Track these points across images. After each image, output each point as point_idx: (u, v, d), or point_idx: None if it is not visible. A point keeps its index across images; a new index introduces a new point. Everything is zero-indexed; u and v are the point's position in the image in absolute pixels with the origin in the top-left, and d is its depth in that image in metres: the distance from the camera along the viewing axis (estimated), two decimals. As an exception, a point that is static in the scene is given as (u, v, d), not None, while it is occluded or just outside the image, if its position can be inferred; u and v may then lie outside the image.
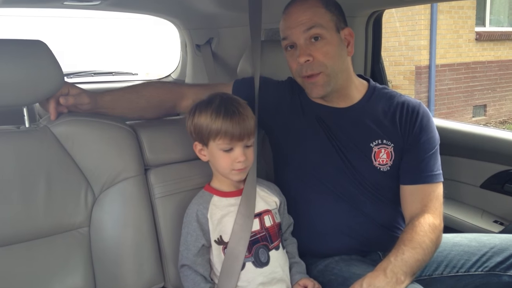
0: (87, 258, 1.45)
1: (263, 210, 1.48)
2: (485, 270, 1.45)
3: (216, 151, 1.42)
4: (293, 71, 1.56)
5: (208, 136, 1.41)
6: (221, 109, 1.39)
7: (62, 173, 1.42)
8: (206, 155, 1.47)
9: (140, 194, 1.50)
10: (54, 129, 1.44)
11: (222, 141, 1.39)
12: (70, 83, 1.51)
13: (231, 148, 1.40)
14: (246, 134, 1.40)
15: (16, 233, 1.34)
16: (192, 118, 1.44)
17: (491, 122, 9.24)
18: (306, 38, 1.48)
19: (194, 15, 2.61)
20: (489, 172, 2.08)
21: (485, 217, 2.10)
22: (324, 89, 1.52)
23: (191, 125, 1.45)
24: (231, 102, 1.42)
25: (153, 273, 1.50)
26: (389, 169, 1.56)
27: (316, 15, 1.49)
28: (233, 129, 1.38)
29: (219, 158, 1.42)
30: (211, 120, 1.39)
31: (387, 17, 7.84)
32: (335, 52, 1.50)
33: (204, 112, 1.41)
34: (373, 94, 1.62)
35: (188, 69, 2.94)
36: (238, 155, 1.40)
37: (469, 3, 8.56)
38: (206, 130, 1.40)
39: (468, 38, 8.80)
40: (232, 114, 1.39)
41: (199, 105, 1.45)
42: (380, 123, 1.57)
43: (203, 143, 1.44)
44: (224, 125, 1.37)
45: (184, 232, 1.44)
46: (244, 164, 1.42)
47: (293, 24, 1.50)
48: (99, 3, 2.29)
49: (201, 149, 1.47)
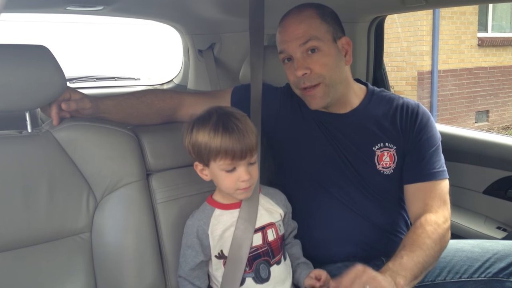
0: (88, 263, 1.45)
1: (266, 224, 1.44)
2: (488, 276, 1.45)
3: (218, 172, 1.34)
4: (291, 83, 1.56)
5: (208, 156, 1.32)
6: (219, 125, 1.30)
7: (64, 178, 1.42)
8: (208, 175, 1.40)
9: (142, 199, 1.50)
10: (56, 134, 1.44)
11: (224, 162, 1.31)
12: (72, 88, 1.51)
13: (233, 167, 1.32)
14: (248, 151, 1.31)
15: (17, 238, 1.34)
16: (189, 136, 1.36)
17: (493, 127, 9.23)
18: (303, 51, 1.48)
19: (196, 20, 2.62)
20: (492, 178, 2.07)
21: (488, 223, 2.09)
22: (323, 101, 1.53)
23: (189, 144, 1.37)
24: (229, 117, 1.33)
25: (155, 278, 1.49)
26: (393, 172, 1.56)
27: (311, 27, 1.48)
28: (233, 147, 1.29)
29: (222, 178, 1.35)
30: (209, 138, 1.30)
31: (389, 22, 7.85)
32: (332, 63, 1.50)
33: (201, 130, 1.32)
34: (372, 97, 1.62)
35: (190, 74, 2.95)
36: (241, 175, 1.32)
37: (471, 8, 8.57)
38: (205, 149, 1.32)
39: (471, 44, 8.81)
40: (231, 130, 1.30)
41: (196, 121, 1.36)
42: (381, 126, 1.57)
43: (204, 163, 1.36)
44: (223, 143, 1.29)
45: (183, 243, 1.42)
46: (249, 183, 1.35)
47: (289, 37, 1.49)
48: (102, 9, 2.29)
49: (202, 169, 1.40)
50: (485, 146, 2.14)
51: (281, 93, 1.70)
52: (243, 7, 2.21)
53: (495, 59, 9.24)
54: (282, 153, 1.68)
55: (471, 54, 8.87)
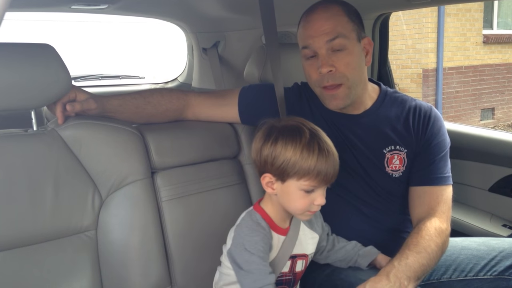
0: (94, 261, 1.45)
1: (300, 254, 1.37)
2: (494, 274, 1.44)
3: (294, 190, 1.23)
4: (312, 81, 1.53)
5: (292, 174, 1.21)
6: (314, 145, 1.21)
7: (70, 176, 1.42)
8: (275, 190, 1.27)
9: (147, 197, 1.51)
10: (61, 133, 1.44)
11: (309, 182, 1.21)
12: (78, 87, 1.52)
13: (313, 189, 1.23)
14: (335, 176, 1.24)
15: (23, 236, 1.34)
16: (271, 147, 1.23)
17: (499, 125, 9.19)
18: (329, 48, 1.45)
19: (200, 18, 2.62)
20: (497, 175, 2.06)
21: (494, 221, 2.09)
22: (343, 102, 1.51)
23: (268, 155, 1.24)
24: (320, 138, 1.24)
25: (160, 276, 1.50)
26: (401, 175, 1.55)
27: (339, 24, 1.45)
28: (327, 170, 1.20)
29: (297, 198, 1.24)
30: (302, 157, 1.19)
31: (394, 20, 7.83)
32: (356, 63, 1.49)
33: (291, 145, 1.21)
34: (385, 99, 1.61)
35: (194, 73, 2.95)
36: (318, 198, 1.24)
37: (476, 5, 8.53)
38: (292, 166, 1.20)
39: (476, 41, 8.77)
40: (327, 153, 1.21)
41: (283, 134, 1.23)
42: (394, 128, 1.56)
43: (280, 178, 1.24)
44: (318, 165, 1.19)
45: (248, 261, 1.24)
46: (320, 207, 1.27)
47: (316, 33, 1.46)
48: (106, 7, 2.30)
49: (271, 182, 1.26)
50: (490, 144, 2.13)
51: (289, 93, 1.68)
52: (247, 5, 2.21)
53: (501, 56, 9.19)
54: None
55: (476, 51, 8.83)
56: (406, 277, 1.25)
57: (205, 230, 1.60)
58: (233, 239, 1.28)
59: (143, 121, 1.65)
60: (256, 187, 1.75)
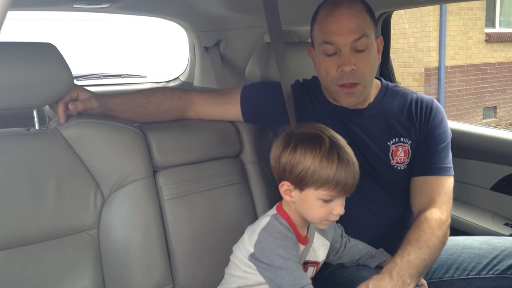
0: (96, 260, 1.45)
1: (312, 261, 1.35)
2: (496, 273, 1.44)
3: (312, 200, 1.21)
4: (330, 77, 1.49)
5: (311, 183, 1.18)
6: (333, 154, 1.18)
7: (72, 175, 1.42)
8: (293, 198, 1.24)
9: (149, 196, 1.51)
10: (63, 131, 1.44)
11: (328, 192, 1.18)
12: (80, 86, 1.52)
13: (332, 199, 1.20)
14: (354, 186, 1.21)
15: (25, 235, 1.34)
16: (290, 155, 1.21)
17: (501, 124, 9.18)
18: (352, 47, 1.44)
19: (202, 17, 2.62)
20: (499, 174, 2.06)
21: (496, 219, 2.08)
22: (358, 100, 1.52)
23: (287, 163, 1.21)
24: (340, 146, 1.21)
25: (162, 275, 1.50)
26: (406, 167, 1.56)
27: (364, 23, 1.44)
28: (346, 180, 1.17)
29: (315, 207, 1.22)
30: (321, 166, 1.16)
31: (395, 18, 7.81)
32: (372, 63, 1.49)
33: (311, 153, 1.18)
34: (387, 92, 1.62)
35: (196, 72, 2.95)
36: (337, 207, 1.21)
37: (478, 4, 8.51)
38: (311, 175, 1.17)
39: (478, 40, 8.76)
40: (347, 162, 1.18)
41: (302, 141, 1.21)
42: (397, 120, 1.56)
43: (298, 186, 1.21)
44: (337, 175, 1.17)
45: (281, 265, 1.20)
46: (339, 217, 1.25)
47: (342, 30, 1.43)
48: (108, 6, 2.30)
49: (289, 190, 1.24)
50: (492, 143, 2.13)
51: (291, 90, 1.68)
52: (249, 4, 2.21)
53: (503, 55, 9.18)
54: None
55: (478, 50, 8.81)
56: (408, 274, 1.25)
57: (207, 229, 1.60)
58: (257, 243, 1.23)
59: (145, 120, 1.65)
60: (257, 186, 1.76)
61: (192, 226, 1.58)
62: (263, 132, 1.84)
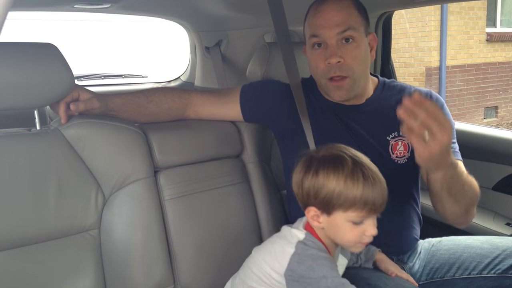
0: (97, 260, 1.46)
1: None
2: (498, 272, 1.44)
3: (342, 223, 1.16)
4: (319, 71, 1.53)
5: (338, 206, 1.14)
6: (357, 173, 1.14)
7: (73, 176, 1.42)
8: (322, 223, 1.19)
9: (150, 196, 1.51)
10: (64, 132, 1.45)
11: (357, 213, 1.14)
12: (81, 87, 1.52)
13: (362, 220, 1.16)
14: (384, 204, 1.16)
15: (26, 235, 1.35)
16: (313, 179, 1.17)
17: (502, 123, 9.17)
18: (338, 39, 1.47)
19: (203, 17, 2.62)
20: (501, 174, 2.06)
21: (497, 219, 2.08)
22: (348, 94, 1.53)
23: (310, 188, 1.17)
24: (365, 164, 1.17)
25: (163, 275, 1.50)
26: (406, 161, 1.56)
27: (350, 16, 1.47)
28: (374, 199, 1.13)
29: (346, 231, 1.17)
30: (346, 187, 1.12)
31: (396, 18, 7.81)
32: (362, 57, 1.50)
33: (334, 175, 1.14)
34: (384, 87, 1.63)
35: (197, 72, 2.95)
36: (369, 228, 1.16)
37: (479, 3, 8.51)
38: (337, 198, 1.13)
39: (479, 39, 8.75)
40: (373, 180, 1.14)
41: (324, 164, 1.17)
42: (395, 116, 1.56)
43: (325, 210, 1.17)
44: (364, 194, 1.12)
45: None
46: (372, 238, 1.19)
47: (327, 23, 1.47)
48: (109, 6, 2.30)
49: (316, 215, 1.19)
50: (494, 142, 2.13)
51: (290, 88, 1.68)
52: (250, 4, 2.21)
53: (504, 55, 9.17)
54: (293, 149, 1.67)
55: (479, 49, 8.81)
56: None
57: (208, 229, 1.60)
58: (293, 269, 1.17)
59: (145, 120, 1.65)
60: (258, 186, 1.76)
61: (193, 226, 1.58)
62: (264, 132, 1.84)
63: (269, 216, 1.74)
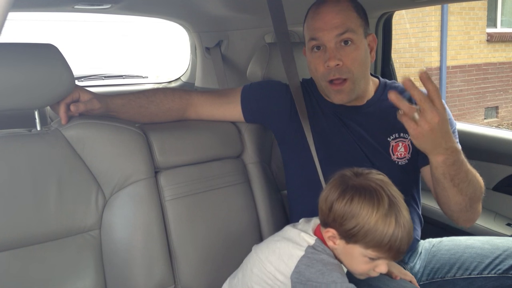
0: (98, 261, 1.46)
1: None
2: (498, 272, 1.44)
3: (358, 255, 1.15)
4: (319, 74, 1.53)
5: (361, 241, 1.12)
6: (391, 216, 1.11)
7: (73, 176, 1.42)
8: (337, 246, 1.18)
9: (150, 196, 1.51)
10: (65, 132, 1.45)
11: (377, 254, 1.13)
12: (81, 87, 1.52)
13: (378, 258, 1.14)
14: (405, 252, 1.15)
15: (27, 235, 1.34)
16: (345, 206, 1.14)
17: (503, 124, 9.16)
18: (337, 42, 1.47)
19: (203, 18, 2.62)
20: (501, 174, 2.06)
21: (498, 220, 2.08)
22: (348, 97, 1.52)
23: (339, 212, 1.14)
24: (400, 208, 1.14)
25: (164, 275, 1.50)
26: (407, 162, 1.55)
27: (349, 19, 1.47)
28: (400, 246, 1.11)
29: (359, 262, 1.16)
30: (376, 227, 1.10)
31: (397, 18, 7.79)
32: (362, 59, 1.50)
33: (367, 211, 1.11)
34: (385, 88, 1.63)
35: (197, 72, 2.95)
36: (381, 266, 1.16)
37: (480, 4, 8.50)
38: (363, 235, 1.11)
39: (479, 40, 8.75)
40: (403, 228, 1.11)
41: (360, 194, 1.13)
42: (396, 117, 1.56)
43: (346, 239, 1.15)
44: (392, 240, 1.10)
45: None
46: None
47: (326, 26, 1.47)
48: (110, 7, 2.30)
49: (333, 237, 1.18)
50: (494, 143, 2.13)
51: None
52: (250, 4, 2.21)
53: (505, 55, 9.17)
54: (294, 149, 1.67)
55: (480, 49, 8.80)
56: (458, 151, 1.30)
57: (209, 230, 1.60)
58: (301, 271, 1.18)
59: (146, 121, 1.65)
60: (259, 186, 1.76)
61: (194, 226, 1.58)
62: (264, 132, 1.84)
63: (270, 216, 1.74)
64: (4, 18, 0.68)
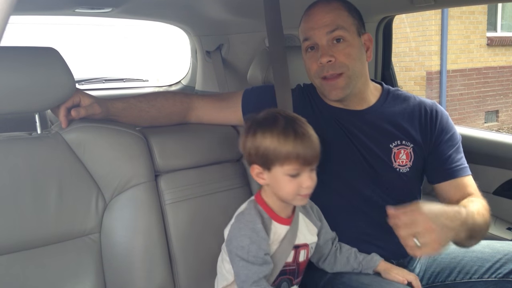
0: (97, 264, 1.45)
1: (302, 244, 1.38)
2: (499, 276, 1.43)
3: (281, 177, 1.27)
4: (313, 72, 1.55)
5: (274, 161, 1.26)
6: (289, 130, 1.25)
7: (73, 180, 1.42)
8: (265, 179, 1.31)
9: (151, 200, 1.51)
10: (65, 136, 1.45)
11: (292, 167, 1.25)
12: (82, 91, 1.52)
13: (298, 173, 1.26)
14: (316, 157, 1.27)
15: (27, 239, 1.34)
16: (252, 139, 1.29)
17: (503, 128, 9.16)
18: (329, 40, 1.49)
19: (204, 21, 2.62)
20: (501, 178, 2.05)
21: (498, 224, 2.08)
22: (343, 92, 1.52)
23: (251, 147, 1.29)
24: (296, 122, 1.28)
25: (163, 279, 1.50)
26: (409, 170, 1.55)
27: (339, 17, 1.50)
28: (305, 152, 1.24)
29: (285, 184, 1.28)
30: (279, 143, 1.24)
31: (397, 22, 7.82)
32: (356, 55, 1.51)
33: (269, 134, 1.26)
34: (388, 96, 1.63)
35: (198, 76, 2.95)
36: (305, 180, 1.27)
37: (480, 8, 8.52)
38: (273, 154, 1.25)
39: (480, 43, 8.76)
40: (302, 136, 1.25)
41: (260, 125, 1.29)
42: (398, 124, 1.56)
43: (265, 167, 1.29)
44: (295, 148, 1.23)
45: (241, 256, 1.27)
46: (310, 189, 1.30)
47: (316, 25, 1.50)
48: (110, 11, 2.31)
49: (260, 173, 1.31)
50: (495, 147, 2.12)
51: (293, 94, 1.68)
52: (251, 8, 2.22)
53: (505, 59, 9.18)
54: None
55: (480, 53, 8.81)
56: (462, 231, 1.30)
57: (209, 233, 1.60)
58: (230, 230, 1.33)
59: (146, 124, 1.65)
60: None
61: (194, 230, 1.57)
62: (264, 136, 1.83)
63: (270, 220, 1.74)
64: (5, 21, 0.68)
